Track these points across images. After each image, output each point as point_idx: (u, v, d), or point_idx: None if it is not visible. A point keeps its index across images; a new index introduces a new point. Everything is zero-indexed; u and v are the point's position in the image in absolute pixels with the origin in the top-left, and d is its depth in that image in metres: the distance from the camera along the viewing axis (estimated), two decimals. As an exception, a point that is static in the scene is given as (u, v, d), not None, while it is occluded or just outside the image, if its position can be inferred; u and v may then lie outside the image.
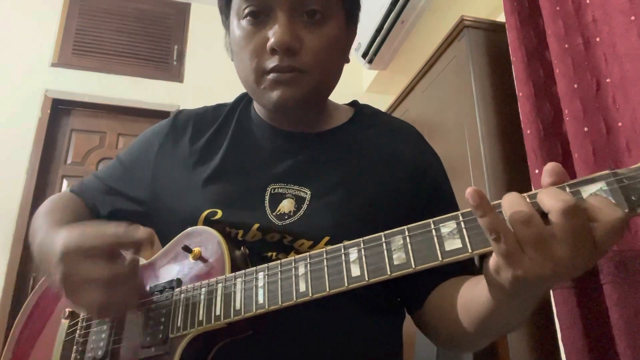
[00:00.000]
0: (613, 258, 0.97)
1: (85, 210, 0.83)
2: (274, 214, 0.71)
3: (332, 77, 0.76)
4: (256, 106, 0.84)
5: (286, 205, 0.71)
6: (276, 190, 0.73)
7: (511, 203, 0.43)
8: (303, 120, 0.80)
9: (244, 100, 0.87)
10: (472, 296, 0.59)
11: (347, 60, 0.80)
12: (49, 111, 3.05)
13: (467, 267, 0.72)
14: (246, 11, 0.70)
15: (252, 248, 0.69)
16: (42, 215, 0.79)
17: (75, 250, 0.58)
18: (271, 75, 0.69)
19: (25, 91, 3.05)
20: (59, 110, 3.14)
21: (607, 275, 0.97)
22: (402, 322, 0.78)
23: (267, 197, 0.72)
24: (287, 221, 0.70)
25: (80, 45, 3.26)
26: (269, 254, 0.69)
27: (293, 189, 0.73)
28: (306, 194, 0.72)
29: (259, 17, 0.70)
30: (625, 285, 0.94)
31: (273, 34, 0.68)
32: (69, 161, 3.09)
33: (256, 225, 0.69)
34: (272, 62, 0.69)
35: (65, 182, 3.03)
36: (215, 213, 0.71)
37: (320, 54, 0.70)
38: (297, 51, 0.69)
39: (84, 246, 0.58)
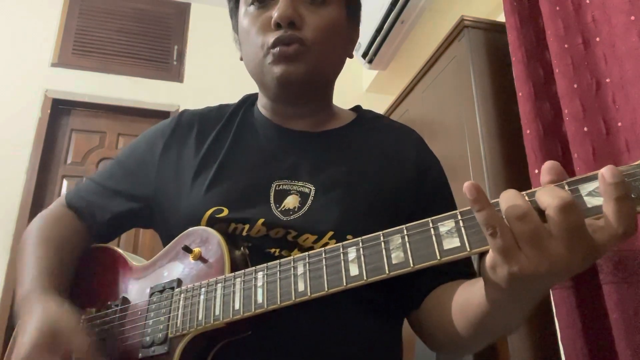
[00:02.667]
0: (612, 258, 0.97)
1: (80, 229, 0.82)
2: (278, 209, 0.71)
3: (333, 59, 0.79)
4: (260, 104, 0.85)
5: (290, 202, 0.72)
6: (281, 187, 0.73)
7: (508, 199, 0.43)
8: (307, 116, 0.81)
9: (247, 102, 0.88)
10: (468, 296, 0.59)
11: (350, 56, 0.84)
12: (49, 111, 3.05)
13: (466, 271, 0.72)
14: None
15: (254, 244, 0.69)
16: (31, 246, 0.78)
17: None
18: (275, 49, 0.73)
19: (25, 91, 3.05)
20: (59, 110, 3.14)
21: (606, 275, 0.97)
22: (402, 323, 0.78)
23: (272, 194, 0.73)
24: (292, 217, 0.71)
25: (80, 45, 3.26)
26: (272, 250, 0.69)
27: (297, 185, 0.73)
28: (310, 189, 0.73)
29: (265, 1, 0.75)
30: (625, 285, 0.94)
31: (276, 10, 0.73)
32: (69, 161, 3.09)
33: (261, 221, 0.70)
34: (275, 35, 0.73)
35: (65, 182, 3.03)
36: (221, 211, 0.71)
37: (322, 31, 0.74)
38: (300, 26, 0.73)
39: None
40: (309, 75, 0.74)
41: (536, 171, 1.18)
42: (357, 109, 0.90)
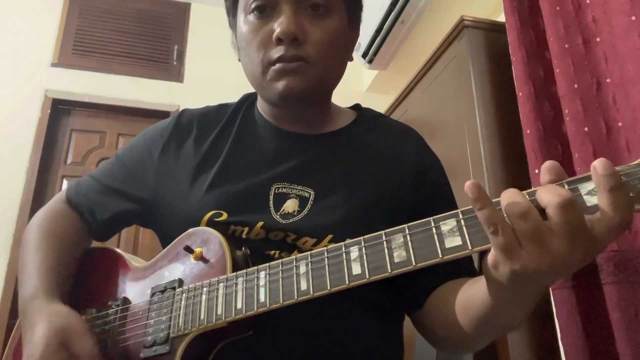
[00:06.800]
0: (613, 258, 0.97)
1: (79, 226, 0.83)
2: (278, 213, 0.71)
3: (335, 71, 0.78)
4: (260, 107, 0.85)
5: (290, 205, 0.72)
6: (280, 190, 0.73)
7: (509, 197, 0.44)
8: (306, 119, 0.81)
9: (247, 101, 0.87)
10: (470, 294, 0.59)
11: (351, 59, 0.82)
12: (49, 111, 3.04)
13: (468, 270, 0.72)
14: (252, 6, 0.73)
15: (254, 247, 0.69)
16: (32, 243, 0.78)
17: None
18: (277, 66, 0.71)
19: (25, 91, 3.05)
20: (59, 110, 3.14)
21: (607, 275, 0.97)
22: (402, 322, 0.78)
23: (271, 197, 0.73)
24: (291, 220, 0.71)
25: (80, 45, 3.26)
26: (272, 252, 0.69)
27: (297, 188, 0.73)
28: (309, 193, 0.73)
29: (265, 11, 0.73)
30: (626, 285, 0.94)
31: (279, 25, 0.70)
32: (69, 161, 3.09)
33: (260, 224, 0.70)
34: (277, 52, 0.71)
35: (65, 182, 3.03)
36: (220, 214, 0.71)
37: (324, 46, 0.72)
38: (302, 42, 0.71)
39: None
40: (312, 88, 0.73)
41: (536, 171, 1.18)
42: (356, 107, 0.89)
